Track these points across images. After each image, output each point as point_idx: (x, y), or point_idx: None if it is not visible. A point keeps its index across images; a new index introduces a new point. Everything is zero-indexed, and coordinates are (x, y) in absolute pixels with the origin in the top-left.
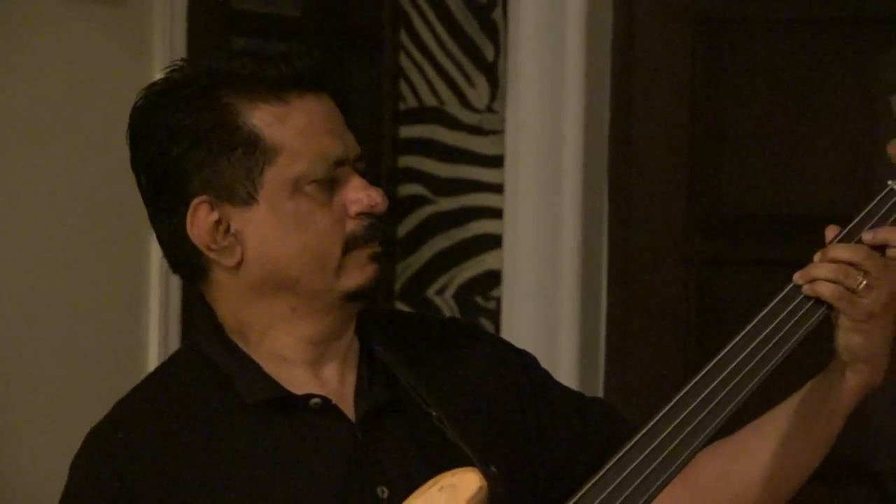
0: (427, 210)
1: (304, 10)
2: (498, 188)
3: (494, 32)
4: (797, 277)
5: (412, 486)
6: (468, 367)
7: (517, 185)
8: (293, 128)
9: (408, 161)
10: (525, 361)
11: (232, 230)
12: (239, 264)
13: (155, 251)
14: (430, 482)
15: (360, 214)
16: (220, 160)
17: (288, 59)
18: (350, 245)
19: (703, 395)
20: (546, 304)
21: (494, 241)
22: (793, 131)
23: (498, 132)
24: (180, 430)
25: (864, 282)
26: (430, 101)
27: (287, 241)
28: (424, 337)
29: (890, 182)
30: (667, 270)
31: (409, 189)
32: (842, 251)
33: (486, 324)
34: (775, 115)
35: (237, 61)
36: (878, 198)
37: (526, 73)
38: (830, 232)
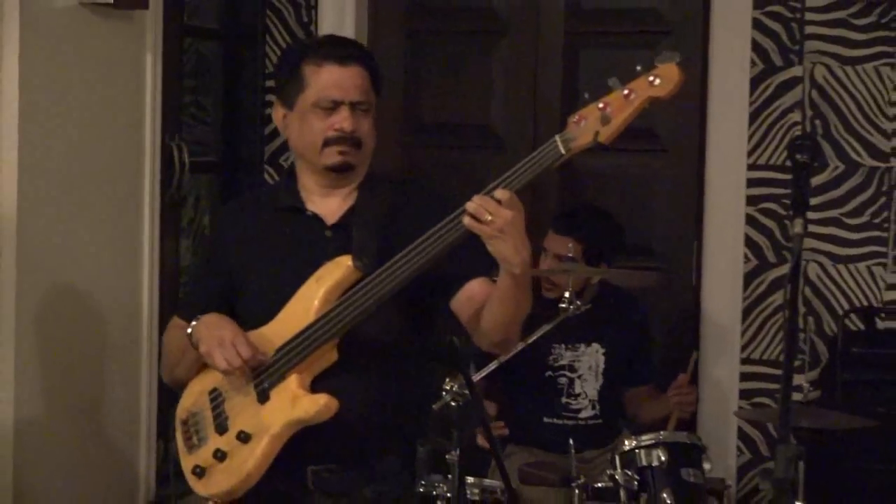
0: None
1: (220, 24)
2: None
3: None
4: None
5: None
6: (409, 210)
7: None
8: (318, 79)
9: (270, 97)
10: (446, 208)
11: (287, 121)
12: (289, 138)
13: (148, 163)
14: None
15: (336, 129)
16: (287, 86)
17: (332, 45)
18: (326, 143)
19: (406, 255)
20: None
21: None
22: (457, 79)
23: None
24: (248, 213)
25: (489, 217)
26: None
27: (300, 132)
28: (399, 190)
29: (557, 136)
30: (392, 155)
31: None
32: (476, 198)
33: None
34: (449, 72)
35: (312, 41)
36: (538, 150)
37: None
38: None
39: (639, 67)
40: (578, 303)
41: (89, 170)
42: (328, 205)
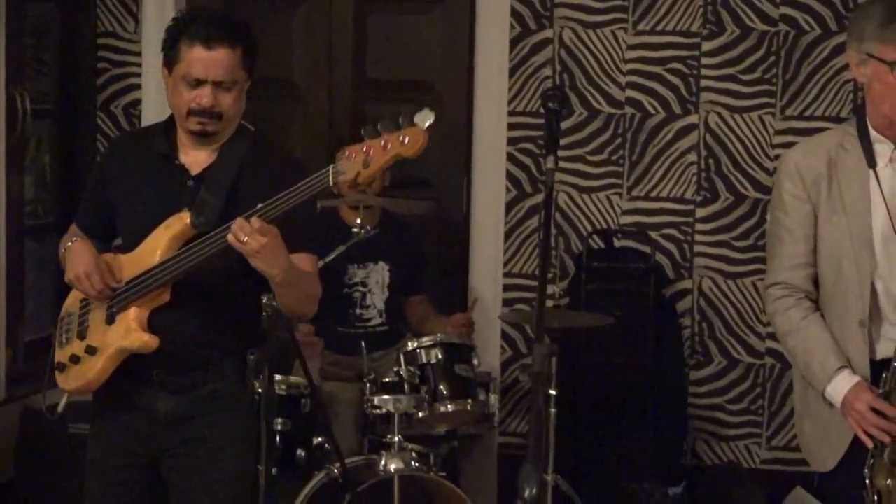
0: None
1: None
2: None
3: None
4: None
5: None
6: (258, 170)
7: (147, 66)
8: (188, 56)
9: (102, 53)
10: (293, 170)
11: (165, 79)
12: (168, 93)
13: None
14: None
15: (197, 103)
16: (169, 53)
17: (204, 26)
18: (189, 113)
19: (185, 254)
20: None
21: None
22: (263, 40)
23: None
24: (131, 150)
25: (245, 238)
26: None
27: (173, 95)
28: (257, 149)
29: (332, 166)
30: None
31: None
32: (237, 221)
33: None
34: (256, 34)
35: (190, 18)
36: (312, 177)
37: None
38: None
39: (400, 119)
40: (368, 227)
41: None
42: (197, 156)
